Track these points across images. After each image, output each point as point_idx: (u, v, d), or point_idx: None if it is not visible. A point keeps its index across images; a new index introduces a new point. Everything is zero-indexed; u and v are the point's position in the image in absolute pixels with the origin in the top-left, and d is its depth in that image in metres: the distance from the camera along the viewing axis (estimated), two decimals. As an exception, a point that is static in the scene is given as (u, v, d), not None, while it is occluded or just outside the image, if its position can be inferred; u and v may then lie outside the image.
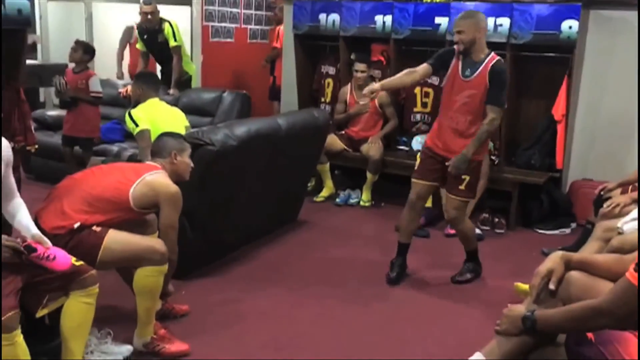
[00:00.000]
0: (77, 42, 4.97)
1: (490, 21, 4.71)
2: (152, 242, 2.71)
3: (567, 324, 1.80)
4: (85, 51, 4.89)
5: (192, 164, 2.94)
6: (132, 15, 6.74)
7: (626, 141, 4.86)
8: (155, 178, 2.73)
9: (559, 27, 4.52)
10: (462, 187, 3.50)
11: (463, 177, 3.48)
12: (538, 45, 4.59)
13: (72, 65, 5.01)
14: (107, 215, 2.61)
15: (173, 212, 2.73)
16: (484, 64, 3.40)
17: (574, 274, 1.98)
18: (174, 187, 2.74)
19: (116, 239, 2.58)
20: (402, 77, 3.64)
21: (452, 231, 4.51)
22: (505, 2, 4.79)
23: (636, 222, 3.04)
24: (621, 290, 1.66)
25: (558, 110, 4.74)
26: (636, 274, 1.61)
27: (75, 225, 2.53)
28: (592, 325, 1.74)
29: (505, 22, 4.66)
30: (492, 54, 3.47)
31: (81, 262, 2.34)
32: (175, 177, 2.83)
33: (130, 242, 2.63)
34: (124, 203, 2.64)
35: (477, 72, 3.41)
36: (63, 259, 2.27)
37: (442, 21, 4.96)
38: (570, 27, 4.49)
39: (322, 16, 5.52)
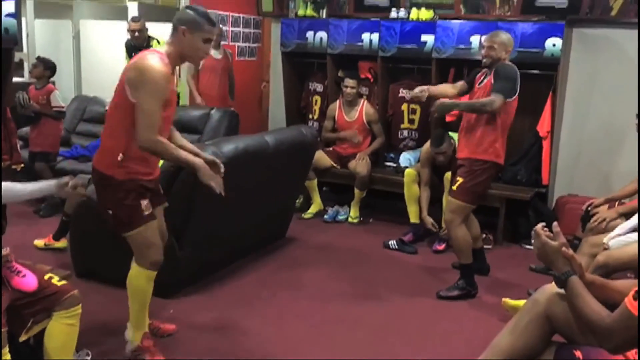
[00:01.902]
0: (38, 59, 5.06)
1: (476, 39, 4.79)
2: (159, 250, 2.78)
3: (578, 309, 1.76)
4: (45, 67, 4.96)
5: (206, 51, 2.61)
6: (119, 33, 6.75)
7: (611, 157, 4.93)
8: (140, 57, 2.49)
9: (542, 45, 4.59)
10: (454, 187, 3.59)
11: (457, 178, 3.57)
12: (523, 63, 4.60)
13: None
14: (125, 132, 2.52)
15: (146, 97, 2.42)
16: (494, 69, 3.54)
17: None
18: (148, 63, 2.44)
19: (149, 228, 2.68)
20: (446, 87, 3.94)
21: (441, 247, 4.53)
22: (490, 21, 4.87)
23: (621, 238, 3.08)
24: (620, 316, 1.63)
25: (543, 126, 4.79)
26: (635, 303, 1.58)
27: (119, 158, 2.55)
28: (590, 328, 1.72)
29: (490, 39, 4.72)
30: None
31: (63, 282, 2.33)
32: (179, 59, 2.61)
33: (153, 238, 2.73)
34: (126, 101, 2.48)
35: (488, 77, 3.57)
36: (31, 281, 2.24)
37: (428, 39, 5.02)
38: (554, 45, 4.56)
39: (310, 34, 5.56)
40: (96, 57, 7.84)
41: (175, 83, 2.59)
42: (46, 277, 2.32)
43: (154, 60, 2.47)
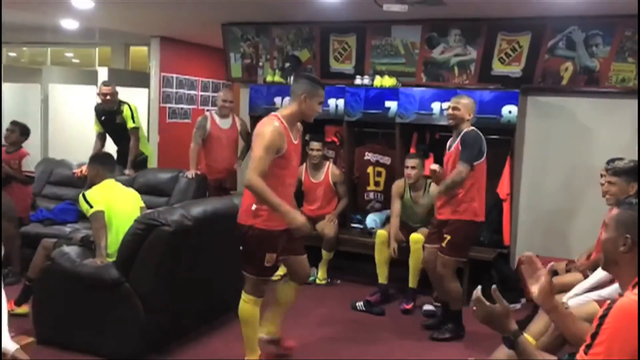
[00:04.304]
0: (14, 123, 5.04)
1: (436, 106, 5.01)
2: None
3: None
4: (22, 132, 4.99)
5: (319, 111, 3.22)
6: (88, 98, 6.83)
7: (569, 217, 5.11)
8: (265, 120, 3.10)
9: (499, 111, 4.82)
10: (443, 244, 3.91)
11: (445, 235, 3.89)
12: (481, 128, 4.81)
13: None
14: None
15: (256, 146, 2.99)
16: (460, 135, 3.87)
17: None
18: (262, 122, 3.07)
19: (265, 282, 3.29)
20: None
21: (409, 306, 4.57)
22: (450, 89, 5.11)
23: (579, 297, 3.18)
24: None
25: (503, 189, 4.96)
26: (586, 357, 1.64)
27: (253, 208, 3.08)
28: None
29: (450, 106, 4.94)
30: (470, 127, 3.90)
31: None
32: (299, 117, 3.17)
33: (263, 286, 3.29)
34: None
35: (456, 142, 3.90)
36: None
37: (391, 105, 5.23)
38: (509, 112, 4.80)
39: (278, 99, 5.71)
40: (64, 121, 7.89)
41: (293, 141, 3.17)
42: None
43: (268, 120, 3.09)
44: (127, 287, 3.30)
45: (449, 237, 3.87)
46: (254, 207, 3.07)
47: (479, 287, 1.96)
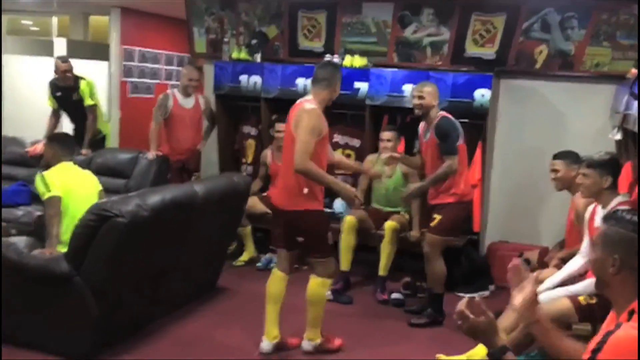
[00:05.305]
0: None
1: (408, 88, 4.85)
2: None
3: None
4: None
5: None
6: (45, 70, 6.47)
7: (539, 204, 5.05)
8: (300, 107, 3.23)
9: (472, 95, 4.69)
10: (432, 224, 3.95)
11: (434, 216, 3.95)
12: (453, 112, 4.67)
13: None
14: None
15: (303, 131, 3.10)
16: (433, 125, 3.90)
17: None
18: (306, 107, 3.19)
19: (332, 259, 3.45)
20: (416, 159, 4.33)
21: (385, 296, 4.46)
22: (422, 70, 4.95)
23: (551, 292, 3.10)
24: None
25: (474, 174, 4.85)
26: None
27: (305, 192, 3.20)
28: None
29: (422, 88, 4.79)
30: (439, 113, 3.90)
31: None
32: (327, 103, 3.32)
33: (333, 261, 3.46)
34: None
35: (430, 133, 3.93)
36: None
37: (361, 86, 5.05)
38: (482, 96, 4.67)
39: (244, 77, 5.48)
40: (19, 94, 7.50)
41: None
42: None
43: (310, 105, 3.22)
44: (78, 281, 3.09)
45: (438, 217, 3.92)
46: (305, 190, 3.19)
47: (465, 298, 1.81)
